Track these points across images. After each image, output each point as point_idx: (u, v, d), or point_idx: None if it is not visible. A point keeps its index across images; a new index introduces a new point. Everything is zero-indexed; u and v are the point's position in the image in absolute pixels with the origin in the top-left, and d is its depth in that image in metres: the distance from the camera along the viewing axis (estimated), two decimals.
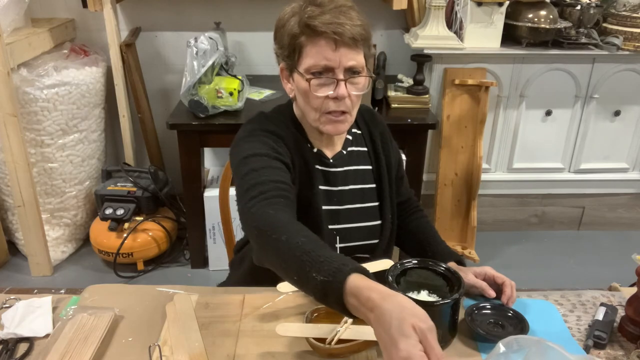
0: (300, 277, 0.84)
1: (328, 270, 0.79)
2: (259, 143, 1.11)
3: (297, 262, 0.84)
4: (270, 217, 0.94)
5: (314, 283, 0.80)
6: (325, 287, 0.79)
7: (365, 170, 1.27)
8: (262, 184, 1.01)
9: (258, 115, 1.21)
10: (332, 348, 0.93)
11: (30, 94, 2.24)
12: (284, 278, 0.90)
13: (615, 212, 2.86)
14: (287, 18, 1.08)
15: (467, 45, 2.41)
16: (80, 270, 2.49)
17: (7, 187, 2.38)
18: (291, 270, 0.86)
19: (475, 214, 2.55)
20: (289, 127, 1.19)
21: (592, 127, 2.64)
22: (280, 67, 1.15)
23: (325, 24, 1.03)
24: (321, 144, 1.22)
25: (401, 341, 0.69)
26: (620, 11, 2.54)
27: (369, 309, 0.74)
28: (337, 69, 1.06)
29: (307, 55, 1.07)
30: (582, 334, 1.05)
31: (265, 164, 1.07)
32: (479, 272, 1.14)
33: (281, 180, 1.04)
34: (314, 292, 0.81)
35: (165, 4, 2.62)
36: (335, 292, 0.78)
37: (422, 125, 2.29)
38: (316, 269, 0.81)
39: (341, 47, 1.05)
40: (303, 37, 1.06)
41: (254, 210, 0.96)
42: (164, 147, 2.80)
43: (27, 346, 0.99)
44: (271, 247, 0.90)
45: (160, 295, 1.13)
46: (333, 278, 0.78)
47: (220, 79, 2.26)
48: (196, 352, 0.96)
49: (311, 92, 1.08)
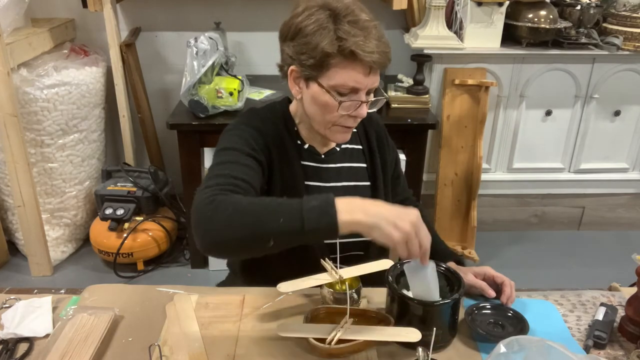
0: (291, 212, 0.88)
1: (318, 197, 0.90)
2: (236, 137, 1.13)
3: (282, 203, 0.91)
4: (222, 196, 0.95)
5: (307, 208, 0.88)
6: (322, 207, 0.88)
7: (359, 167, 1.27)
8: (222, 177, 1.02)
9: (248, 111, 1.23)
10: (332, 348, 0.93)
11: (30, 94, 2.24)
12: (256, 236, 0.89)
13: (615, 212, 2.86)
14: (313, 29, 1.05)
15: (467, 45, 2.41)
16: (80, 270, 2.49)
17: (7, 187, 2.38)
18: (275, 215, 0.89)
19: (475, 214, 2.55)
20: (277, 123, 1.19)
21: (592, 127, 2.64)
22: (292, 69, 1.12)
23: (369, 54, 1.03)
24: (314, 141, 1.23)
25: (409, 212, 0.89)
26: (620, 11, 2.54)
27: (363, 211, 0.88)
28: (362, 91, 1.08)
29: (336, 74, 1.05)
30: (582, 334, 1.05)
31: (234, 159, 1.08)
32: (479, 272, 1.14)
33: (241, 178, 1.03)
34: (308, 216, 0.87)
35: (165, 4, 2.62)
36: (331, 207, 0.88)
37: (422, 125, 2.29)
38: (306, 200, 0.90)
39: (372, 73, 1.07)
40: (338, 58, 1.04)
41: (203, 194, 0.96)
42: (164, 147, 2.80)
43: (27, 346, 0.99)
44: (229, 210, 0.91)
45: (160, 295, 1.13)
46: (326, 200, 0.89)
47: (220, 79, 2.26)
48: (196, 352, 0.96)
49: (334, 108, 1.08)
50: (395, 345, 0.99)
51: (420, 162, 2.37)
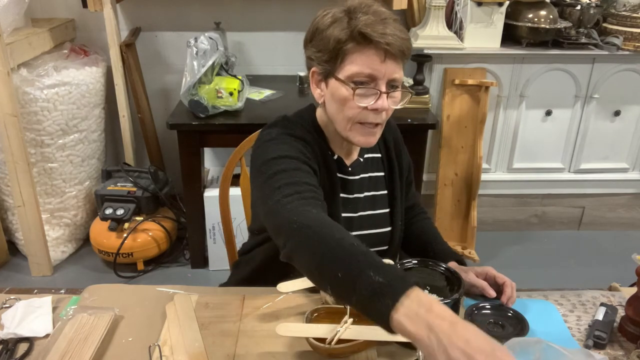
0: (349, 274, 0.77)
1: (391, 274, 0.75)
2: (286, 145, 1.08)
3: (351, 260, 0.79)
4: (314, 214, 0.90)
5: (368, 281, 0.74)
6: (382, 288, 0.73)
7: (378, 177, 1.26)
8: (296, 184, 0.98)
9: (282, 119, 1.16)
10: (332, 348, 0.93)
11: (30, 94, 2.24)
12: (315, 276, 0.85)
13: (615, 212, 2.86)
14: (328, 23, 1.05)
15: (467, 45, 2.41)
16: (80, 270, 2.49)
17: (7, 187, 2.38)
18: (337, 267, 0.79)
19: (475, 214, 2.55)
20: (312, 132, 1.16)
21: (592, 127, 2.64)
22: (313, 71, 1.10)
23: (380, 34, 1.00)
24: (341, 152, 1.20)
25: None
26: (620, 11, 2.54)
27: (439, 317, 0.68)
28: (381, 80, 1.03)
29: (352, 62, 1.03)
30: (582, 334, 1.05)
31: (296, 166, 1.03)
32: (480, 272, 1.14)
33: (314, 184, 1.01)
34: (363, 291, 0.74)
35: (165, 4, 2.62)
36: (392, 295, 0.71)
37: (422, 125, 2.29)
38: (375, 269, 0.75)
39: (389, 59, 1.02)
40: (351, 44, 1.02)
41: (291, 207, 0.92)
42: (164, 147, 2.80)
43: (27, 346, 0.99)
44: (316, 241, 0.84)
45: (160, 295, 1.13)
46: (396, 282, 0.73)
47: (220, 79, 2.26)
48: (196, 352, 0.96)
49: (352, 101, 1.04)
50: (395, 345, 0.99)
51: (420, 162, 2.37)
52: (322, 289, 0.84)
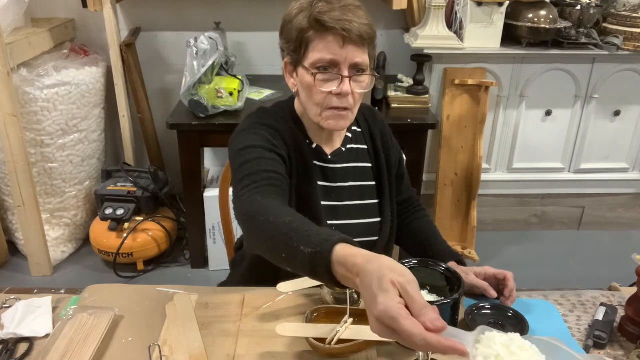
0: (289, 254, 0.83)
1: (315, 242, 0.79)
2: (254, 135, 1.13)
3: (285, 239, 0.84)
4: (258, 202, 0.96)
5: (302, 256, 0.80)
6: (313, 259, 0.78)
7: (364, 167, 1.27)
8: (255, 174, 1.03)
9: (257, 110, 1.23)
10: (332, 348, 0.93)
11: (30, 94, 2.24)
12: (274, 260, 0.90)
13: (615, 212, 2.86)
14: (295, 13, 1.10)
15: (467, 45, 2.41)
16: (80, 270, 2.49)
17: (7, 187, 2.38)
18: (280, 249, 0.85)
19: (475, 214, 2.55)
20: (288, 121, 1.20)
21: (592, 127, 2.63)
22: (285, 62, 1.16)
23: (335, 20, 1.04)
24: (321, 141, 1.23)
25: (379, 295, 0.67)
26: (620, 11, 2.54)
27: (356, 275, 0.73)
28: (343, 65, 1.07)
29: (313, 49, 1.08)
30: (582, 334, 1.05)
31: (259, 155, 1.08)
32: (479, 272, 1.15)
33: (273, 170, 1.05)
34: (302, 266, 0.80)
35: (165, 4, 2.62)
36: (323, 263, 0.77)
37: (422, 125, 2.29)
38: (304, 242, 0.80)
39: (348, 44, 1.06)
40: (311, 32, 1.07)
41: (244, 198, 0.99)
42: (164, 147, 2.80)
43: (27, 346, 0.99)
44: (259, 229, 0.90)
45: (160, 295, 1.13)
46: (320, 248, 0.78)
47: (220, 79, 2.26)
48: (196, 352, 0.96)
49: (315, 87, 1.09)
50: (395, 345, 0.99)
51: (420, 162, 2.37)
52: (285, 268, 0.89)
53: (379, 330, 0.68)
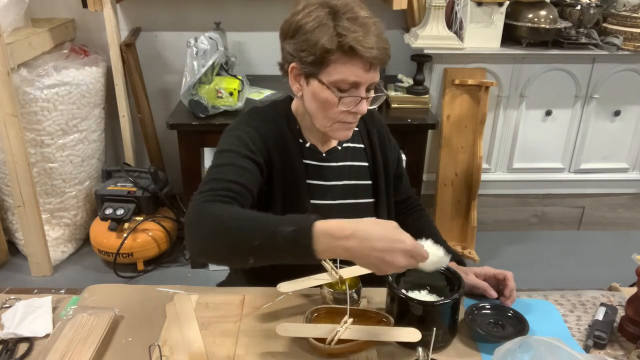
0: (266, 237, 0.87)
1: (296, 220, 0.88)
2: (234, 138, 1.13)
3: (259, 225, 0.89)
4: (208, 205, 0.97)
5: (283, 235, 0.86)
6: (296, 235, 0.85)
7: (360, 166, 1.27)
8: (216, 181, 1.03)
9: (250, 110, 1.23)
10: (332, 348, 0.93)
11: (30, 94, 2.24)
12: (233, 255, 0.92)
13: (615, 212, 2.86)
14: (314, 26, 1.06)
15: (467, 45, 2.41)
16: (80, 270, 2.49)
17: (7, 187, 2.38)
18: (250, 237, 0.88)
19: (475, 214, 2.55)
20: (278, 122, 1.19)
21: (592, 127, 2.63)
22: (292, 66, 1.12)
23: (368, 49, 1.03)
24: (316, 140, 1.23)
25: (403, 237, 0.87)
26: (620, 11, 2.54)
27: (347, 236, 0.84)
28: (362, 87, 1.08)
29: (336, 70, 1.06)
30: (582, 334, 1.05)
31: (230, 161, 1.08)
32: (479, 273, 1.15)
33: (236, 181, 1.04)
34: (283, 245, 0.86)
35: (165, 4, 2.62)
36: (306, 236, 0.84)
37: (422, 125, 2.29)
38: (284, 223, 0.87)
39: (372, 69, 1.07)
40: (338, 54, 1.05)
41: (194, 201, 0.98)
42: (164, 147, 2.80)
43: (27, 346, 0.99)
44: (218, 226, 0.92)
45: (160, 295, 1.13)
46: (302, 224, 0.86)
47: (220, 79, 2.26)
48: (196, 352, 0.96)
49: (335, 105, 1.08)
50: (395, 345, 0.99)
51: (420, 162, 2.37)
52: (243, 264, 0.95)
53: (379, 262, 0.85)
